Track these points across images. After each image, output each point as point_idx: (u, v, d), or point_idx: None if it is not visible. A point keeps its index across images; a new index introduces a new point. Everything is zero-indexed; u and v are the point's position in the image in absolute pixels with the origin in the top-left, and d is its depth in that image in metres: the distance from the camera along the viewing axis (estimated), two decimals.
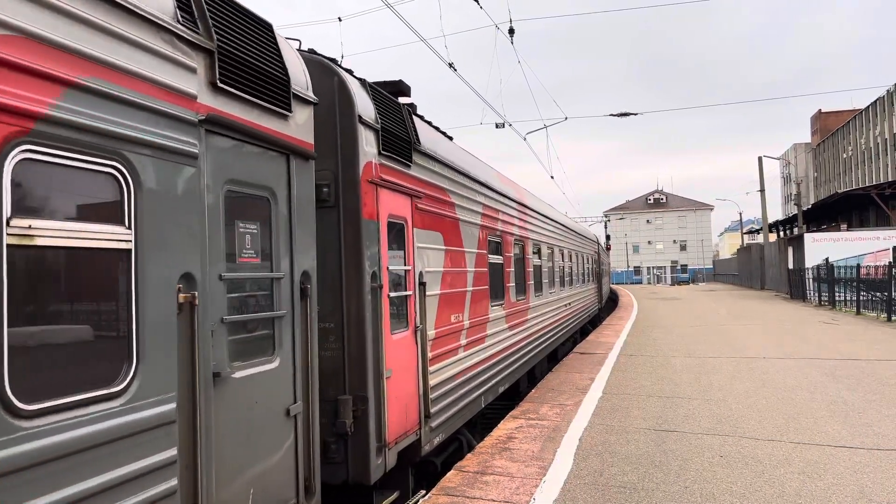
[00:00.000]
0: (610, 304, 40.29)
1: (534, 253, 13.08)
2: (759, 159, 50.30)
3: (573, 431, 7.80)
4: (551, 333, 14.60)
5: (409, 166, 6.39)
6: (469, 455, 6.96)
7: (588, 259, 24.71)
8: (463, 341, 7.82)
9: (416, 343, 6.38)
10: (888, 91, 66.52)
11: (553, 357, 15.39)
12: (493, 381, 9.20)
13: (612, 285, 56.76)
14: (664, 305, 33.19)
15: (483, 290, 8.89)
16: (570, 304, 17.82)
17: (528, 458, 6.76)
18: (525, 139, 25.19)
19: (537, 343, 12.77)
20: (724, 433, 7.63)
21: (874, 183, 51.10)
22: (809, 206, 47.67)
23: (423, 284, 6.51)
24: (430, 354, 6.58)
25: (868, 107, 73.05)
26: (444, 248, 7.37)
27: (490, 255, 9.35)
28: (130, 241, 2.99)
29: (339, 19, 16.54)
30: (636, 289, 65.15)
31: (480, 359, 8.57)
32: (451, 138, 8.95)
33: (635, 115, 27.30)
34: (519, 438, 7.54)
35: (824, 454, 6.73)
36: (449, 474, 6.31)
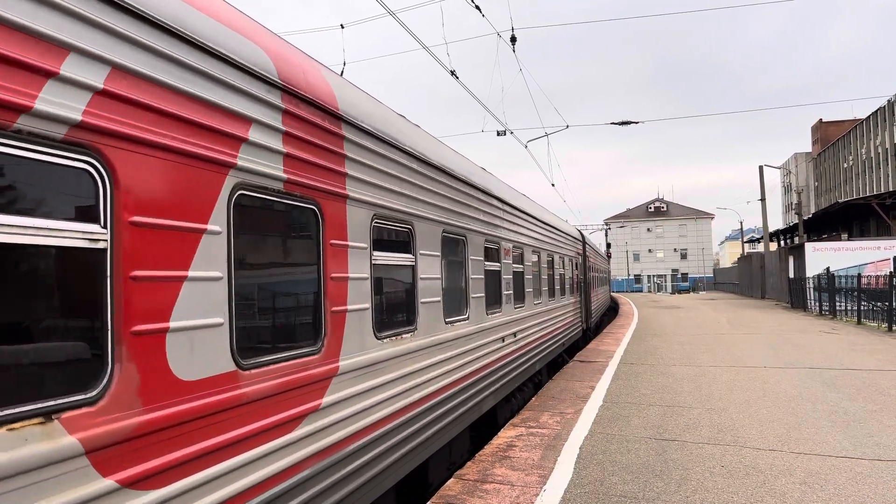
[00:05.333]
0: (610, 312, 40.25)
1: (395, 242, 6.13)
2: (760, 168, 50.46)
3: (574, 440, 7.78)
4: (472, 394, 8.31)
5: None
6: (469, 463, 6.94)
7: (564, 262, 18.00)
8: None
9: None
10: (889, 101, 66.69)
11: (491, 418, 10.05)
12: None
13: (612, 293, 56.61)
14: (664, 314, 33.16)
15: None
16: (515, 333, 11.14)
17: (529, 467, 6.74)
18: (527, 147, 25.25)
19: (410, 440, 6.15)
20: (725, 443, 7.61)
21: (875, 193, 51.15)
22: (810, 216, 47.69)
23: None
24: None
25: (869, 116, 73.26)
26: None
27: None
28: None
29: (342, 26, 16.60)
30: (637, 297, 65.09)
31: None
32: None
33: (636, 123, 27.44)
34: (519, 446, 7.53)
35: (826, 464, 6.71)
36: (449, 482, 6.29)
